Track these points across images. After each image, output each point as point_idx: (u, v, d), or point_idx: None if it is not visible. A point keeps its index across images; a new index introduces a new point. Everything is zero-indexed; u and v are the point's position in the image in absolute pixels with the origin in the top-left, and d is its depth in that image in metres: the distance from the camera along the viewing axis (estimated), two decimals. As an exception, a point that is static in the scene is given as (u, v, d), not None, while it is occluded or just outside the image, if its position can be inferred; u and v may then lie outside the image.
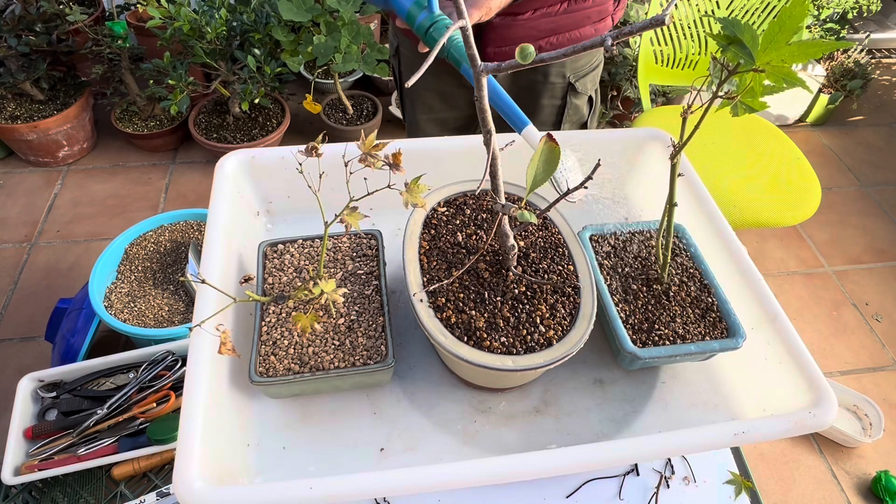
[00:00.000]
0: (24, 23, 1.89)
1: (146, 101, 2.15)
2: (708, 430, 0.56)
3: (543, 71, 1.05)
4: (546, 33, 0.96)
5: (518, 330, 0.60)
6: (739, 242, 0.72)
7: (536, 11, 0.94)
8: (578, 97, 1.10)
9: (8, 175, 2.11)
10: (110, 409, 0.97)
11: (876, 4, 2.15)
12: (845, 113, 2.61)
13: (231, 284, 0.66)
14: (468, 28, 0.47)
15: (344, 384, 0.64)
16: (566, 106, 1.10)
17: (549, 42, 0.98)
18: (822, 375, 0.59)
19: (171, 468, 0.94)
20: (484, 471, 0.52)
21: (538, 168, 0.57)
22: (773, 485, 1.48)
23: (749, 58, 0.48)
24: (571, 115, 1.12)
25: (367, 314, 0.65)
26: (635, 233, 0.75)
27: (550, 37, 0.97)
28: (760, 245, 2.06)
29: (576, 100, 1.10)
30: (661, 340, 0.65)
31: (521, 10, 0.92)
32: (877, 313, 1.87)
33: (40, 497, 0.92)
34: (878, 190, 2.30)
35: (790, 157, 1.52)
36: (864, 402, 1.57)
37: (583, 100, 1.12)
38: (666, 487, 0.70)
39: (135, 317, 1.32)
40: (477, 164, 0.64)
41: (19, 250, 1.87)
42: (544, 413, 0.67)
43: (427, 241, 0.67)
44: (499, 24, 0.93)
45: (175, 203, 2.05)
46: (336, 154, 0.57)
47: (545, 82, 1.06)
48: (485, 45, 0.95)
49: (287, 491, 0.49)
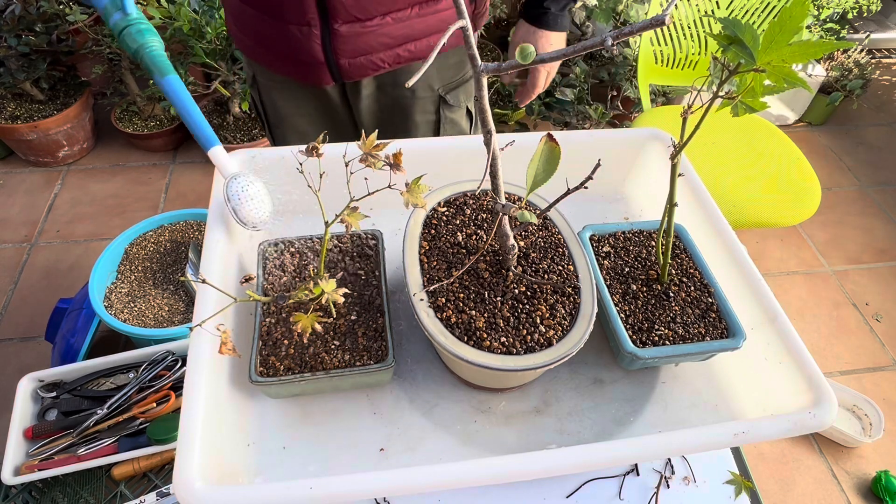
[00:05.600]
0: (24, 23, 1.89)
1: (146, 101, 2.15)
2: (708, 430, 0.56)
3: (411, 88, 0.97)
4: (401, 40, 0.90)
5: (518, 330, 0.60)
6: (739, 242, 0.72)
7: (385, 17, 0.86)
8: (453, 111, 1.04)
9: (8, 175, 2.11)
10: (110, 409, 0.97)
11: (876, 4, 2.15)
12: (845, 113, 2.61)
13: (231, 284, 0.67)
14: (468, 28, 0.47)
15: (344, 384, 0.64)
16: (441, 121, 1.04)
17: (407, 49, 0.91)
18: (822, 375, 0.59)
19: (171, 468, 0.94)
20: (484, 471, 0.52)
21: (538, 168, 0.57)
22: (773, 485, 1.48)
23: (750, 58, 0.48)
24: (448, 131, 1.05)
25: (367, 314, 0.65)
26: (635, 233, 0.75)
27: (408, 44, 0.91)
28: (760, 245, 2.06)
29: (451, 114, 1.04)
30: (661, 340, 0.65)
31: (368, 16, 0.85)
32: (877, 313, 1.87)
33: (40, 497, 0.92)
34: (878, 190, 2.30)
35: (790, 157, 1.52)
36: (864, 402, 1.57)
37: (459, 113, 1.05)
38: (666, 487, 0.70)
39: (135, 317, 1.32)
40: (477, 164, 0.64)
41: (19, 250, 1.87)
42: (544, 413, 0.67)
43: (427, 241, 0.67)
44: (347, 34, 0.86)
45: (175, 203, 2.05)
46: (336, 154, 0.57)
47: (413, 97, 1.00)
48: (337, 57, 0.88)
49: (287, 491, 0.49)
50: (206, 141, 0.67)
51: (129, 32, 0.66)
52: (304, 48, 0.87)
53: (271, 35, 0.89)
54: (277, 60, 0.94)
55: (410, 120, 1.03)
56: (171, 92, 0.66)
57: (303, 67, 0.91)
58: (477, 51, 0.49)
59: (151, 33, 0.67)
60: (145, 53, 0.66)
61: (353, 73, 0.92)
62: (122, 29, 0.66)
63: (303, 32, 0.86)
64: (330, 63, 0.90)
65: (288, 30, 0.86)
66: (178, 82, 0.66)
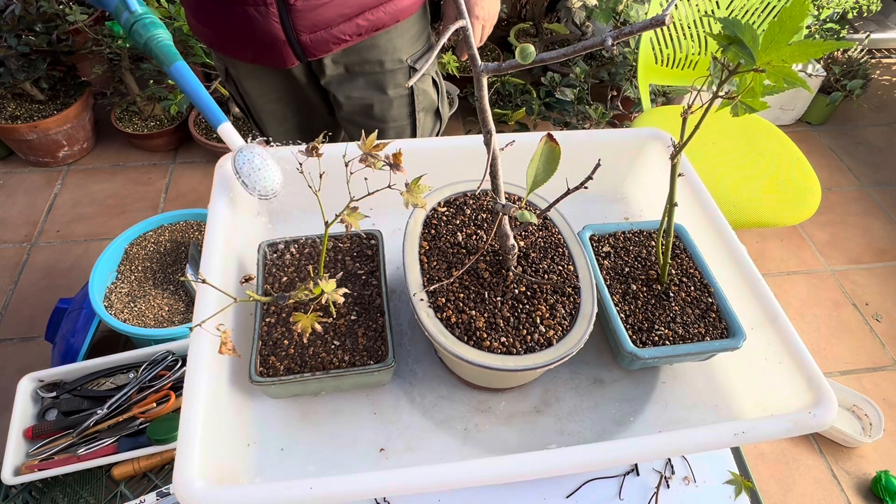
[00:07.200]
0: (24, 23, 1.89)
1: (146, 101, 2.15)
2: (708, 430, 0.56)
3: (379, 60, 0.99)
4: (358, 9, 0.90)
5: (518, 330, 0.60)
6: (739, 242, 0.72)
7: None
8: (422, 79, 1.05)
9: (8, 175, 2.11)
10: (110, 409, 0.97)
11: (876, 4, 2.15)
12: (845, 113, 2.61)
13: (231, 284, 0.66)
14: (468, 28, 0.47)
15: (344, 384, 0.64)
16: (414, 92, 1.05)
17: (365, 18, 0.91)
18: (822, 375, 0.59)
19: (171, 468, 0.94)
20: (484, 471, 0.52)
21: (538, 168, 0.57)
22: (773, 485, 1.48)
23: (750, 58, 0.48)
24: (422, 101, 1.07)
25: (367, 314, 0.65)
26: (635, 233, 0.75)
27: (365, 12, 0.91)
28: (760, 245, 2.06)
29: (421, 83, 1.05)
30: (661, 340, 0.65)
31: None
32: (877, 313, 1.87)
33: (40, 497, 0.92)
34: (878, 190, 2.30)
35: (790, 157, 1.52)
36: (864, 402, 1.57)
37: (427, 82, 1.07)
38: (666, 487, 0.70)
39: (135, 317, 1.32)
40: (477, 164, 0.64)
41: (19, 250, 1.87)
42: (544, 413, 0.67)
43: (427, 241, 0.67)
44: (304, 7, 0.86)
45: (175, 203, 2.05)
46: (336, 154, 0.57)
47: (384, 72, 1.00)
48: (297, 34, 0.89)
49: (287, 491, 0.49)
50: (214, 119, 0.70)
51: (137, 28, 0.70)
52: (263, 28, 0.88)
53: (231, 21, 0.90)
54: (241, 47, 0.95)
55: (385, 96, 1.04)
56: (180, 77, 0.69)
57: (266, 49, 0.92)
58: (476, 51, 0.49)
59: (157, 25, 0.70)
60: (153, 45, 0.69)
61: (316, 50, 0.92)
62: (130, 25, 0.70)
63: (260, 13, 0.87)
64: (291, 41, 0.90)
65: (246, 12, 0.87)
66: (185, 68, 0.70)
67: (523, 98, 2.07)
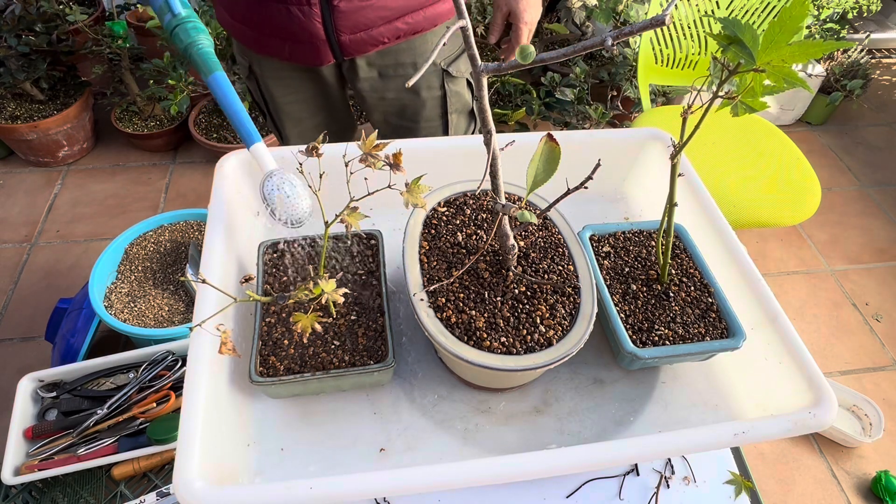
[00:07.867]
0: (24, 23, 1.89)
1: (146, 101, 2.15)
2: (708, 430, 0.56)
3: (413, 63, 1.00)
4: (399, 13, 0.91)
5: (518, 330, 0.60)
6: (739, 242, 0.72)
7: None
8: (456, 82, 1.06)
9: (8, 175, 2.11)
10: (110, 409, 0.97)
11: (876, 4, 2.15)
12: (845, 113, 2.61)
13: (231, 284, 0.66)
14: (468, 28, 0.47)
15: (344, 384, 0.64)
16: (447, 94, 1.06)
17: (405, 22, 0.93)
18: (822, 375, 0.59)
19: (171, 468, 0.94)
20: (484, 471, 0.52)
21: (538, 168, 0.57)
22: (773, 485, 1.48)
23: (749, 58, 0.48)
24: (455, 104, 1.08)
25: (367, 314, 0.65)
26: (635, 233, 0.75)
27: (406, 16, 0.92)
28: (760, 245, 2.06)
29: (454, 86, 1.06)
30: (661, 340, 0.65)
31: None
32: (877, 313, 1.87)
33: (40, 497, 0.92)
34: (878, 190, 2.30)
35: (790, 157, 1.51)
36: (864, 402, 1.57)
37: (461, 84, 1.07)
38: (666, 487, 0.70)
39: (135, 317, 1.32)
40: (477, 164, 0.64)
41: (19, 250, 1.87)
42: (544, 413, 0.67)
43: (427, 241, 0.67)
44: (347, 9, 0.88)
45: (175, 203, 2.05)
46: (336, 154, 0.57)
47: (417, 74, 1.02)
48: (338, 34, 0.90)
49: (287, 491, 0.49)
50: (248, 137, 0.67)
51: (178, 32, 0.67)
52: (304, 27, 0.89)
53: (272, 19, 0.90)
54: (275, 44, 0.95)
55: (418, 98, 1.04)
56: (218, 88, 0.67)
57: (302, 47, 0.92)
58: (476, 51, 0.49)
59: (200, 31, 0.67)
60: (194, 51, 0.67)
61: (353, 50, 0.93)
62: (172, 28, 0.68)
63: (304, 12, 0.87)
64: (331, 41, 0.91)
65: (289, 10, 0.87)
66: (224, 79, 0.67)
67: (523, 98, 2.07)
